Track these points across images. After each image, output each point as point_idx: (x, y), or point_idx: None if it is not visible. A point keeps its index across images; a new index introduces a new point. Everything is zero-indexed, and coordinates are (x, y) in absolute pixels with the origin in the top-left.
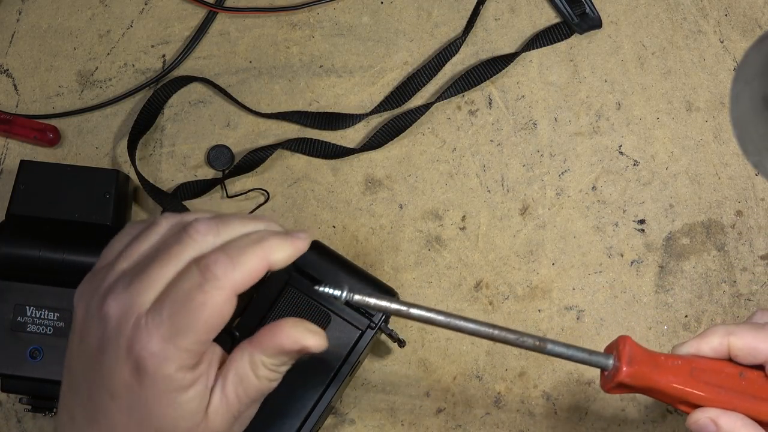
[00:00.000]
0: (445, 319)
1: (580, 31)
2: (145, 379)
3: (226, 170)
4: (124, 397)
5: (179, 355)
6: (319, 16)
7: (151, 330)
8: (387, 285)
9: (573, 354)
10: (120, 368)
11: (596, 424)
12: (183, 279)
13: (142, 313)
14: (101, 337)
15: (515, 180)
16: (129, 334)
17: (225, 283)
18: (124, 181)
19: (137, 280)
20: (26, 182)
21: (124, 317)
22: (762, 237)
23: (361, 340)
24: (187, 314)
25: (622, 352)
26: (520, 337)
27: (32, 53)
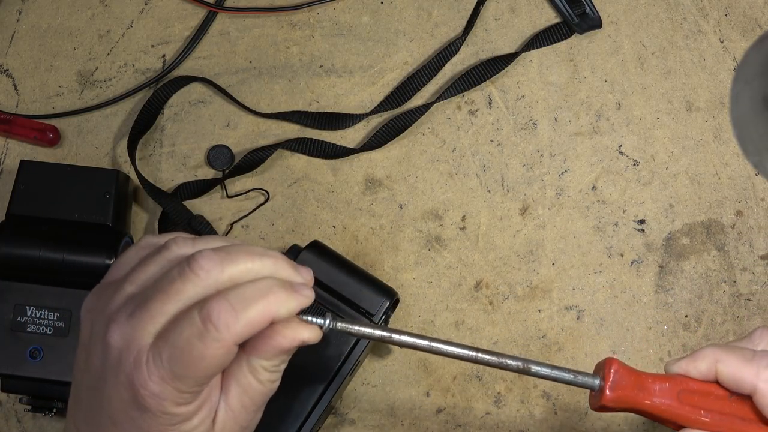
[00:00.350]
0: (427, 343)
1: (580, 31)
2: (146, 414)
3: (226, 170)
4: (125, 424)
5: (179, 396)
6: (319, 16)
7: (151, 369)
8: (387, 285)
9: (558, 375)
10: (120, 398)
11: (596, 424)
12: (184, 322)
13: (143, 348)
14: (103, 363)
15: (515, 180)
16: (129, 370)
17: (226, 336)
18: (124, 181)
19: (139, 311)
20: (26, 182)
21: (125, 349)
22: (762, 237)
23: (361, 340)
24: (186, 362)
25: (606, 376)
26: (503, 360)
27: (32, 53)
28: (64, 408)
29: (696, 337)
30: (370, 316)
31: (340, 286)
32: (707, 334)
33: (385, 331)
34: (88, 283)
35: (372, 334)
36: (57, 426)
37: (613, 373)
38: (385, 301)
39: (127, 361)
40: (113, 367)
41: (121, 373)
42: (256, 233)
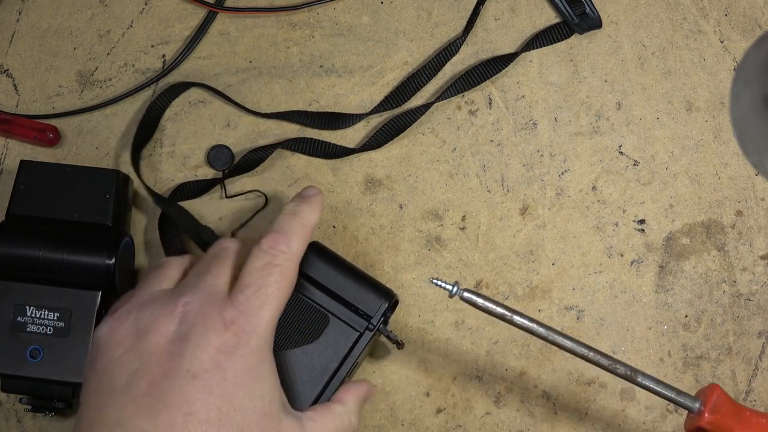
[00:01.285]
0: (545, 332)
1: (580, 31)
2: (234, 355)
3: (226, 170)
4: (208, 374)
5: (265, 327)
6: (319, 16)
7: (238, 306)
8: (386, 287)
9: (662, 391)
10: (207, 347)
11: (596, 424)
12: (254, 260)
13: (224, 297)
14: (177, 328)
15: (515, 180)
16: (217, 315)
17: (291, 254)
18: (125, 181)
19: (203, 279)
20: (26, 182)
21: (206, 303)
22: (762, 237)
23: (360, 341)
24: (269, 286)
25: (708, 399)
26: (613, 364)
27: (32, 53)
28: (63, 408)
29: (696, 337)
30: (368, 318)
31: (339, 288)
32: (707, 334)
33: (506, 310)
34: (88, 283)
35: (494, 310)
36: (57, 426)
37: (715, 398)
38: (383, 303)
39: (211, 312)
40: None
41: (208, 321)
42: (256, 233)
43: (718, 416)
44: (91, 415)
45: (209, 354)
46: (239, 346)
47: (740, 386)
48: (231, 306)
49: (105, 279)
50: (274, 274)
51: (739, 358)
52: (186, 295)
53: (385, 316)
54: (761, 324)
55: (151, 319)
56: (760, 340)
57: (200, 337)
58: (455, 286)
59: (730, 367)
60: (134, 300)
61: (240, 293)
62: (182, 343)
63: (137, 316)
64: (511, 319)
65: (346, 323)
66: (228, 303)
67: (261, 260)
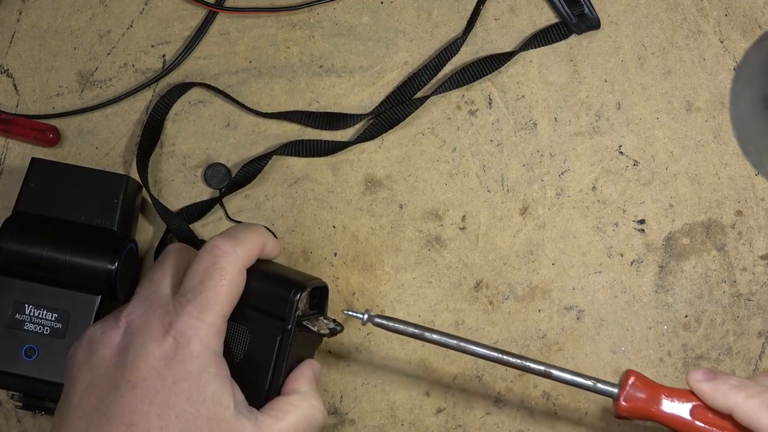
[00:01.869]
0: (456, 343)
1: (579, 31)
2: (172, 361)
3: (223, 188)
4: (147, 382)
5: (207, 331)
6: (319, 16)
7: (179, 311)
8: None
9: (580, 381)
10: (146, 356)
11: (596, 424)
12: (196, 264)
13: (166, 303)
14: (121, 340)
15: (515, 180)
16: (157, 323)
17: (235, 257)
18: (133, 187)
19: (146, 287)
20: (35, 180)
21: (149, 311)
22: (762, 237)
23: (281, 346)
24: (210, 289)
25: (623, 386)
26: (526, 363)
27: (32, 53)
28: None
29: (696, 337)
30: (280, 319)
31: (249, 297)
32: (707, 334)
33: (417, 329)
34: (88, 286)
35: (405, 331)
36: None
37: (629, 385)
38: (291, 298)
39: (152, 319)
40: (137, 332)
41: (149, 328)
42: None
43: (632, 403)
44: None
45: (148, 363)
46: (178, 351)
47: None
48: (172, 311)
49: (106, 284)
50: (215, 278)
51: (739, 358)
52: (131, 305)
53: (317, 306)
54: (761, 324)
55: (99, 333)
56: (760, 340)
57: (139, 346)
58: (365, 314)
59: (730, 367)
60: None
61: (182, 297)
62: (124, 355)
63: (89, 333)
64: (423, 335)
65: (265, 331)
66: (168, 308)
67: (204, 263)
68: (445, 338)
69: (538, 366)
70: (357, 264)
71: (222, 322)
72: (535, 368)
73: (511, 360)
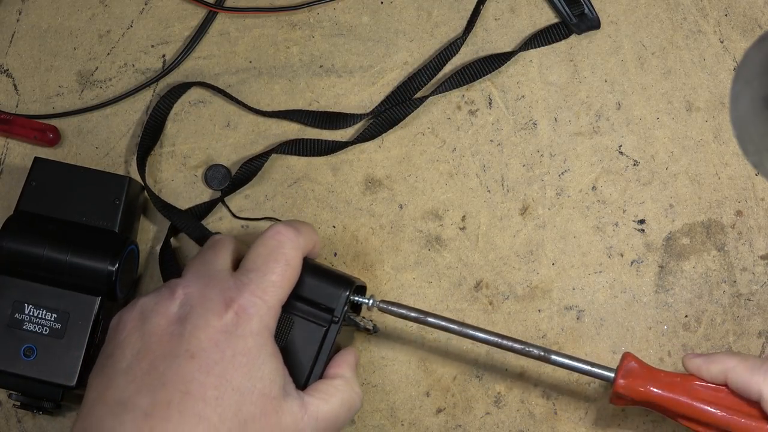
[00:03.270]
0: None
1: (579, 31)
2: (233, 335)
3: (224, 188)
4: (206, 353)
5: (267, 311)
6: (319, 16)
7: (240, 288)
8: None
9: (578, 365)
10: (206, 327)
11: (596, 424)
12: (260, 246)
13: (225, 279)
14: (178, 310)
15: (515, 180)
16: (217, 297)
17: (297, 245)
18: (135, 188)
19: (202, 264)
20: (38, 179)
21: (207, 285)
22: (762, 237)
23: (328, 336)
24: (273, 272)
25: (620, 366)
26: (526, 347)
27: (32, 53)
28: (52, 408)
29: (696, 337)
30: (330, 311)
31: (298, 287)
32: (707, 334)
33: (420, 314)
34: (89, 287)
35: (408, 315)
36: (57, 426)
37: (626, 365)
38: (343, 293)
39: (212, 292)
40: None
41: (208, 302)
42: (257, 234)
43: (630, 380)
44: (93, 396)
45: (208, 334)
46: (239, 326)
47: None
48: (233, 287)
49: (106, 285)
50: (280, 262)
51: None
52: (186, 279)
53: (353, 304)
54: (761, 324)
55: (153, 303)
56: (760, 340)
57: (199, 317)
58: (371, 299)
59: None
60: None
61: (244, 275)
62: (182, 324)
63: (142, 302)
64: (426, 320)
65: (311, 321)
66: (230, 284)
67: (267, 246)
68: (447, 323)
69: (538, 350)
70: (357, 264)
71: (279, 306)
72: (535, 353)
73: (512, 345)
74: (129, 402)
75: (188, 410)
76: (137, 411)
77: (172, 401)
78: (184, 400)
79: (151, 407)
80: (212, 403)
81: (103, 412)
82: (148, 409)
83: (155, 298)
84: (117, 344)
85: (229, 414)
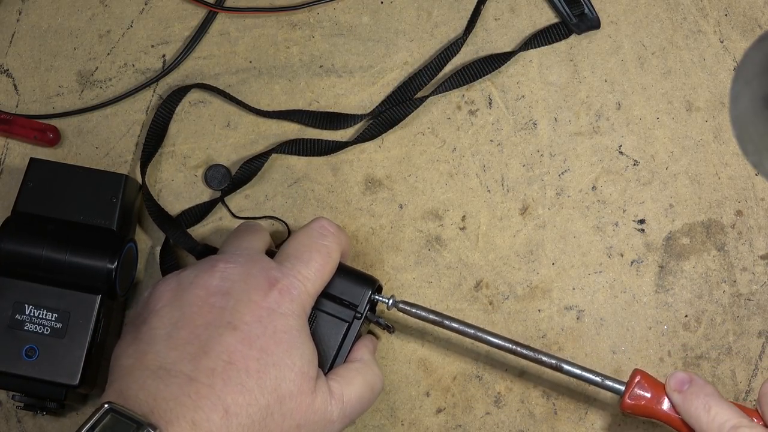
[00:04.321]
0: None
1: (579, 31)
2: (275, 313)
3: (224, 188)
4: (249, 327)
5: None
6: (319, 16)
7: (284, 271)
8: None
9: (588, 376)
10: (249, 302)
11: (596, 424)
12: (304, 236)
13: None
14: (218, 283)
15: (515, 180)
16: (261, 275)
17: (339, 241)
18: (133, 186)
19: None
20: (34, 180)
21: (249, 264)
22: (762, 237)
23: (350, 331)
24: (316, 261)
25: (629, 385)
26: (539, 356)
27: (32, 53)
28: (55, 408)
29: (696, 337)
30: (354, 307)
31: None
32: (707, 334)
33: (438, 316)
34: (88, 286)
35: (426, 317)
36: (57, 426)
37: (635, 384)
38: (366, 291)
39: (254, 270)
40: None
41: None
42: None
43: (635, 402)
44: (130, 363)
45: (251, 309)
46: (282, 305)
47: (740, 386)
48: (276, 269)
49: (105, 283)
50: (322, 253)
51: (739, 358)
52: (227, 256)
53: (370, 302)
54: (761, 324)
55: (192, 276)
56: (760, 340)
57: (242, 293)
58: (391, 299)
59: (730, 367)
60: None
61: (287, 260)
62: (224, 297)
63: (178, 275)
64: (443, 323)
65: (334, 316)
66: (273, 265)
67: (310, 237)
68: (464, 327)
69: (550, 359)
70: (357, 264)
71: (316, 295)
72: (546, 361)
73: (524, 352)
74: (172, 367)
75: (232, 379)
76: (181, 376)
77: (216, 369)
78: (228, 369)
79: (195, 372)
80: (254, 376)
81: (145, 376)
82: (192, 374)
83: (194, 271)
84: (153, 312)
85: (269, 388)
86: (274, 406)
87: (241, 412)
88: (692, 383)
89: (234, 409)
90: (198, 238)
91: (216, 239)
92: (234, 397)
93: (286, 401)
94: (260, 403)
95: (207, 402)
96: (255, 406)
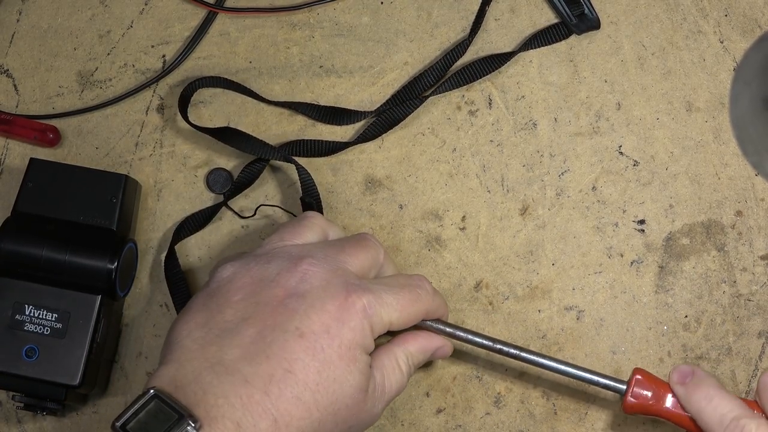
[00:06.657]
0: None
1: (578, 31)
2: (345, 326)
3: (227, 192)
4: (315, 336)
5: (380, 324)
6: (319, 16)
7: (368, 289)
8: None
9: (590, 378)
10: (321, 311)
11: (596, 424)
12: (399, 277)
13: (349, 273)
14: (297, 285)
15: (515, 180)
16: (340, 284)
17: (428, 299)
18: (133, 186)
19: (337, 252)
20: (34, 180)
21: (331, 271)
22: (762, 237)
23: None
24: (403, 299)
25: (630, 384)
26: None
27: (32, 53)
28: (56, 408)
29: (696, 338)
30: None
31: None
32: (707, 335)
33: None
34: (88, 286)
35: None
36: (57, 426)
37: (635, 383)
38: None
39: (335, 280)
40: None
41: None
42: (257, 234)
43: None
44: (193, 347)
45: (321, 317)
46: (353, 319)
47: (740, 386)
48: (360, 284)
49: (105, 283)
50: (411, 296)
51: (739, 358)
52: (314, 257)
53: None
54: (761, 324)
55: (275, 273)
56: (760, 340)
57: (317, 299)
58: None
59: (730, 367)
60: (265, 249)
61: (376, 284)
62: (298, 299)
63: (264, 266)
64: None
65: None
66: (357, 281)
67: (407, 281)
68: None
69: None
70: None
71: (389, 327)
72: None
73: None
74: (231, 365)
75: (288, 389)
76: (237, 375)
77: (274, 376)
78: (286, 378)
79: (252, 376)
80: (312, 388)
81: (202, 367)
82: (249, 377)
83: (278, 267)
84: (229, 303)
85: (325, 402)
86: (326, 419)
87: (292, 424)
88: (695, 375)
89: (285, 419)
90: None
91: (216, 242)
92: (287, 408)
93: (341, 413)
94: (313, 417)
95: (258, 408)
96: (307, 420)
